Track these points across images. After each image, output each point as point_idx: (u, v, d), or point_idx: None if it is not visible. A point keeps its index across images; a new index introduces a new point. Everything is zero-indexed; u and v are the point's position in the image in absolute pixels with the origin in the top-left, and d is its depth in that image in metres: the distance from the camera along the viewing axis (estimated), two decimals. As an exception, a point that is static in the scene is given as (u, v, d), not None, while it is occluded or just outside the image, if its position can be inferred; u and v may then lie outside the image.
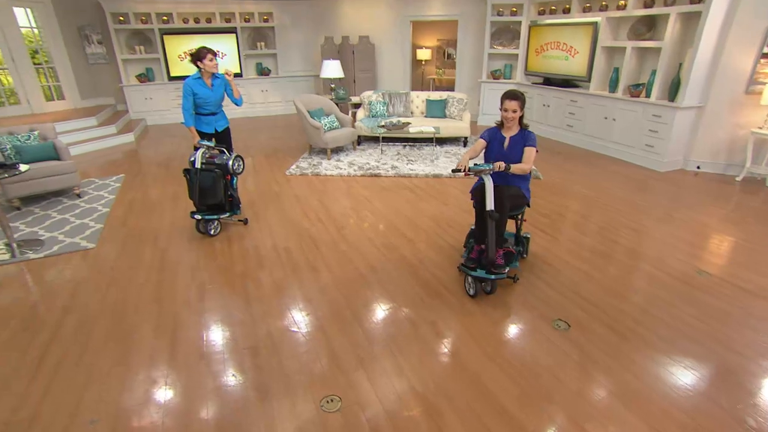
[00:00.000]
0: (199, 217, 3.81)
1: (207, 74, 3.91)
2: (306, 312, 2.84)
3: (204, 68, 3.86)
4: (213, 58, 3.85)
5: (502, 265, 2.94)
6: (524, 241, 3.43)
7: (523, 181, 3.16)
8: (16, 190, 4.51)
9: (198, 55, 3.82)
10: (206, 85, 3.94)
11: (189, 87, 3.87)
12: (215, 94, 4.01)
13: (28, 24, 8.10)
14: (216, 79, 4.01)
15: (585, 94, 6.62)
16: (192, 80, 3.90)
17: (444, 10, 8.70)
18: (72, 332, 2.68)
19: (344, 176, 5.63)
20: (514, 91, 3.08)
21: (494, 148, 3.16)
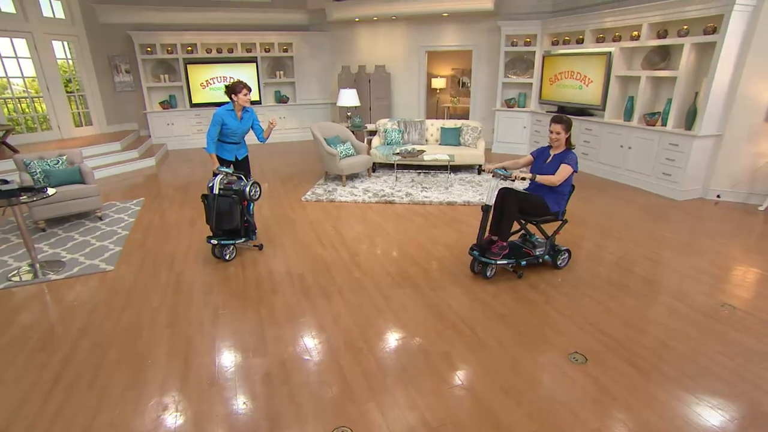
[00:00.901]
0: (215, 242, 3.86)
1: (239, 107, 4.05)
2: (318, 339, 2.82)
3: (237, 101, 3.99)
4: (247, 93, 4.00)
5: (495, 254, 3.42)
6: (556, 252, 3.68)
7: (551, 193, 3.52)
8: (42, 213, 4.65)
9: (234, 89, 3.96)
10: (236, 117, 4.08)
11: (220, 117, 3.99)
12: (243, 126, 4.15)
13: (64, 56, 8.55)
14: (246, 112, 4.15)
15: (600, 123, 6.63)
16: (224, 111, 4.02)
17: (458, 41, 8.91)
18: (87, 354, 2.70)
19: (359, 203, 5.68)
20: (560, 115, 3.53)
21: (538, 163, 3.65)
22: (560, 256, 3.71)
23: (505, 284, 3.49)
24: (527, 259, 3.57)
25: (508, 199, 3.47)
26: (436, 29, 8.96)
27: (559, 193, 3.52)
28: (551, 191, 3.51)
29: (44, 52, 8.05)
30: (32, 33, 7.90)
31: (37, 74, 8.10)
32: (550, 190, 3.51)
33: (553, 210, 3.55)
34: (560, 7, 7.66)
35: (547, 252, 3.65)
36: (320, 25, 9.98)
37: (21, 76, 8.05)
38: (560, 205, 3.58)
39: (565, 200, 3.61)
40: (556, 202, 3.54)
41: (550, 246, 3.66)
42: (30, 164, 4.87)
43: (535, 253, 3.60)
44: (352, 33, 9.77)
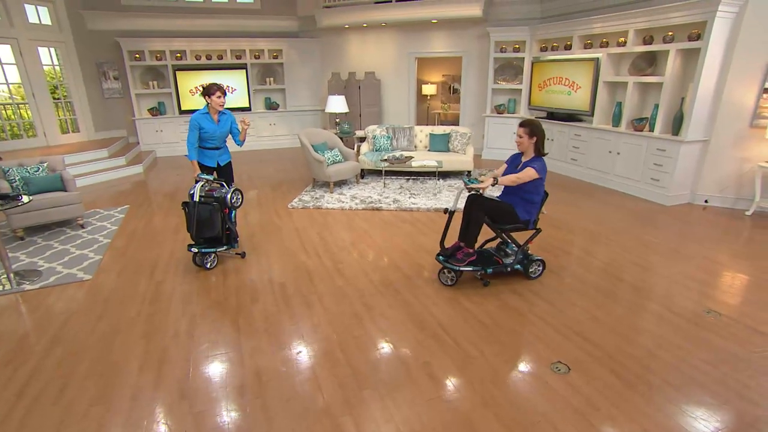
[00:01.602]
0: (195, 250, 3.79)
1: (214, 110, 3.99)
2: (296, 350, 2.75)
3: (211, 104, 3.93)
4: (221, 96, 3.93)
5: (459, 260, 3.44)
6: (529, 261, 3.59)
7: (521, 201, 3.44)
8: (20, 221, 4.56)
9: (208, 91, 3.91)
10: (213, 120, 4.01)
11: (196, 121, 3.94)
12: (221, 129, 4.07)
13: (50, 62, 8.47)
14: (223, 115, 4.08)
15: (588, 128, 6.64)
16: (199, 115, 3.97)
17: (448, 47, 8.92)
18: (55, 366, 2.61)
19: (345, 210, 5.62)
20: (527, 119, 3.46)
21: (509, 169, 3.55)
22: (532, 266, 3.61)
23: (488, 292, 3.44)
24: (495, 268, 3.49)
25: (475, 205, 3.43)
26: (426, 36, 8.98)
27: (529, 201, 3.43)
28: (522, 199, 3.44)
29: (30, 59, 7.98)
30: (17, 39, 7.82)
31: (22, 80, 8.02)
32: (521, 198, 3.44)
33: (523, 218, 3.44)
34: (549, 14, 7.70)
35: (517, 261, 3.55)
36: (310, 31, 9.98)
37: (5, 82, 7.96)
38: (530, 213, 3.47)
39: (536, 209, 3.49)
40: (526, 210, 3.45)
41: (522, 255, 3.58)
42: (9, 171, 4.78)
43: (505, 262, 3.53)
44: (341, 40, 9.77)
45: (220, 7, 9.63)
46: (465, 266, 3.43)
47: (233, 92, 9.78)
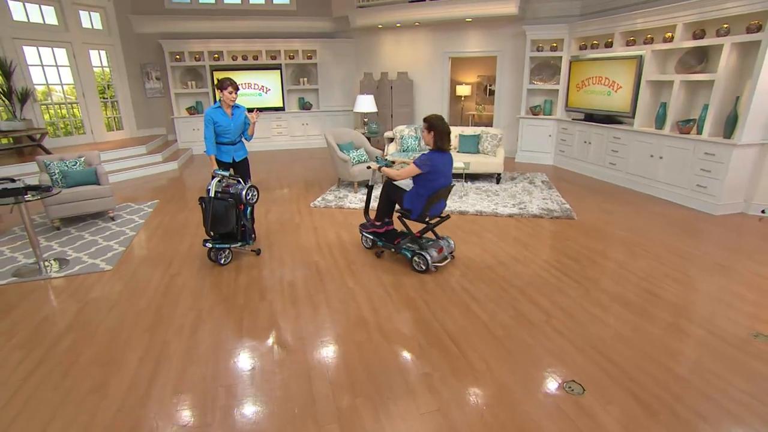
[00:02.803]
0: (209, 245, 3.81)
1: (226, 104, 4.01)
2: (294, 352, 2.67)
3: (222, 98, 3.96)
4: (233, 92, 3.95)
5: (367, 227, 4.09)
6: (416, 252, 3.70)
7: (413, 192, 3.65)
8: (56, 212, 4.78)
9: (220, 85, 3.94)
10: (226, 114, 4.04)
11: (209, 116, 3.99)
12: (234, 122, 4.09)
13: (100, 64, 8.96)
14: (236, 108, 4.10)
15: (629, 131, 6.21)
16: (212, 109, 4.01)
17: (483, 47, 8.66)
18: (63, 353, 2.67)
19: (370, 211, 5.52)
20: (429, 115, 3.55)
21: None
22: (416, 257, 3.70)
23: (507, 303, 3.23)
24: (385, 244, 3.95)
25: (385, 187, 3.92)
26: (460, 35, 8.76)
27: (416, 192, 3.60)
28: (412, 189, 3.66)
29: (82, 61, 8.46)
30: (71, 43, 8.32)
31: (74, 82, 8.52)
32: (414, 189, 3.64)
33: (405, 206, 3.70)
34: (589, 10, 7.29)
35: (405, 247, 3.80)
36: (344, 32, 10.01)
37: (60, 83, 8.47)
38: (413, 204, 3.61)
39: (421, 202, 3.57)
40: (410, 200, 3.65)
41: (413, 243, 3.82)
42: (50, 165, 5.03)
43: (400, 244, 3.85)
44: (375, 40, 9.73)
45: (257, 8, 9.84)
46: (367, 232, 4.08)
47: (267, 92, 9.97)
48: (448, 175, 3.63)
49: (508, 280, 3.56)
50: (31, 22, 7.88)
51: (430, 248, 3.70)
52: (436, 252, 3.70)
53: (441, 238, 3.92)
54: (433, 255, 3.66)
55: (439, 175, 3.51)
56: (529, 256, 4.02)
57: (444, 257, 3.81)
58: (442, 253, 3.78)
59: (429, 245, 3.76)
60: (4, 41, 7.46)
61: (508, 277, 3.62)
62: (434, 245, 3.76)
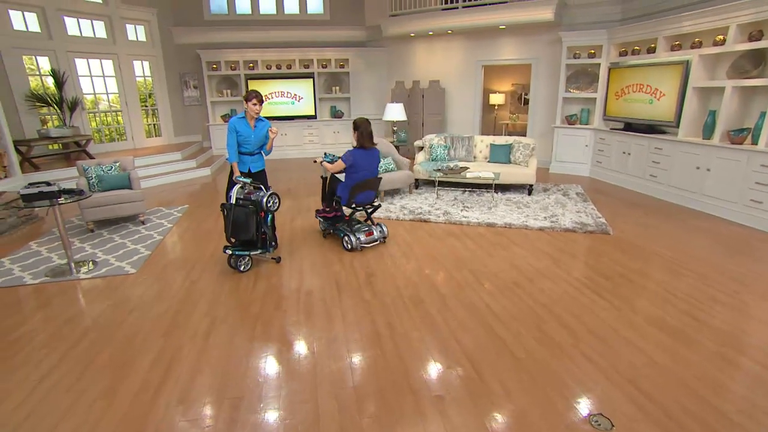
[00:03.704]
0: (229, 252, 3.82)
1: (250, 116, 4.04)
2: (304, 365, 2.59)
3: (246, 110, 3.99)
4: (257, 104, 3.97)
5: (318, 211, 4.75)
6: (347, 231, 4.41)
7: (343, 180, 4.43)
8: (91, 215, 4.97)
9: (246, 97, 3.98)
10: (249, 125, 4.07)
11: (232, 125, 4.02)
12: (256, 135, 4.12)
13: (142, 74, 9.38)
14: (260, 122, 4.13)
15: (672, 141, 5.82)
16: (236, 119, 4.05)
17: (517, 54, 8.44)
18: (80, 355, 2.71)
19: (392, 219, 5.43)
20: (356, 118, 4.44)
21: None
22: (345, 237, 4.37)
23: (532, 322, 3.03)
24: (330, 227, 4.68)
25: (329, 179, 4.67)
26: (494, 43, 8.58)
27: (345, 183, 4.35)
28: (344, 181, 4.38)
29: (126, 71, 8.90)
30: (117, 54, 8.76)
31: (119, 91, 8.95)
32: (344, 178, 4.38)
33: (337, 194, 4.41)
34: (630, 14, 6.95)
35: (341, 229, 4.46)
36: (377, 41, 10.04)
37: (106, 92, 8.93)
38: (343, 192, 4.35)
39: (347, 191, 4.28)
40: (341, 189, 4.39)
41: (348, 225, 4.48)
42: (88, 170, 5.25)
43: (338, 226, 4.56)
44: (407, 48, 9.69)
45: (292, 18, 10.04)
46: (319, 216, 4.73)
47: (300, 101, 10.12)
48: (370, 168, 4.37)
49: (534, 298, 3.35)
50: (83, 36, 8.36)
51: (359, 231, 4.38)
52: (364, 235, 4.37)
53: (374, 224, 4.54)
54: (360, 237, 4.34)
55: (360, 168, 4.27)
56: (559, 273, 3.79)
57: (373, 240, 4.45)
58: (371, 237, 4.42)
59: (360, 229, 4.42)
60: (59, 54, 7.95)
61: (534, 294, 3.42)
62: (365, 229, 4.41)
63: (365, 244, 4.38)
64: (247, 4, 9.94)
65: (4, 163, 5.88)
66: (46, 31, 7.80)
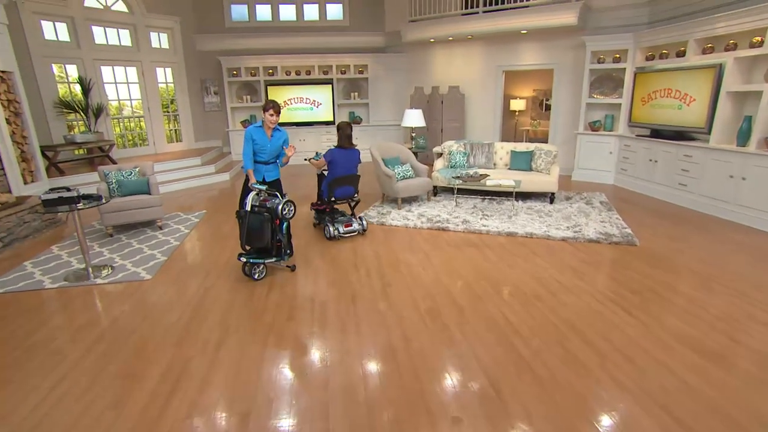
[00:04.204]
0: (244, 259, 3.78)
1: (267, 126, 4.02)
2: (315, 380, 2.50)
3: (263, 119, 3.97)
4: (274, 114, 3.95)
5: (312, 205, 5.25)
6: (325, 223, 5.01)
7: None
8: (110, 219, 5.02)
9: (264, 107, 3.99)
10: (265, 134, 4.05)
11: (249, 133, 4.02)
12: (272, 145, 4.10)
13: (164, 80, 9.55)
14: (277, 131, 4.11)
15: (703, 148, 5.56)
16: (253, 128, 4.04)
17: (539, 59, 8.27)
18: (91, 363, 2.69)
19: (410, 228, 5.33)
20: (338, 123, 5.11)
21: None
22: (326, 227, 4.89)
23: (555, 339, 2.88)
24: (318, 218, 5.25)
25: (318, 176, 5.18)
26: (515, 48, 8.43)
27: (326, 178, 4.89)
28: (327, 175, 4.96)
29: (149, 78, 9.07)
30: (141, 62, 8.94)
31: (141, 97, 9.13)
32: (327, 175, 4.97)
33: (320, 189, 5.09)
34: (658, 17, 6.72)
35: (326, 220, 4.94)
36: (396, 46, 10.00)
37: (129, 98, 9.12)
38: (324, 187, 4.90)
39: (326, 185, 4.82)
40: (324, 183, 4.93)
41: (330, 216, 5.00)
42: (108, 175, 5.32)
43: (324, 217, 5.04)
44: (426, 54, 9.62)
45: (311, 24, 10.10)
46: (313, 209, 5.22)
47: (319, 106, 10.14)
48: (347, 166, 4.87)
49: (557, 313, 3.20)
50: (109, 44, 8.56)
51: (339, 223, 4.92)
52: (343, 226, 4.89)
53: (354, 217, 5.08)
54: (339, 228, 4.86)
55: (337, 165, 4.80)
56: (583, 286, 3.62)
57: (352, 230, 4.93)
58: (350, 227, 4.92)
59: (340, 220, 4.98)
60: (86, 62, 8.16)
61: (557, 309, 3.26)
62: (344, 221, 4.96)
63: (343, 234, 4.90)
64: (268, 11, 10.05)
65: (31, 168, 6.02)
66: (74, 40, 8.02)
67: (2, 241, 4.74)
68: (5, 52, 5.66)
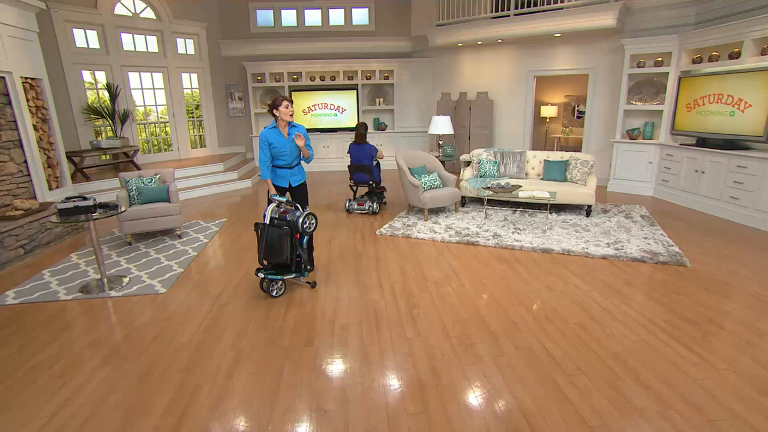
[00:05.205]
0: (261, 275, 3.56)
1: (282, 123, 3.78)
2: (335, 420, 2.24)
3: (280, 116, 3.72)
4: (289, 105, 3.71)
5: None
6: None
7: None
8: (129, 228, 4.92)
9: (275, 103, 3.70)
10: (281, 134, 3.81)
11: (264, 137, 3.76)
12: (291, 142, 3.84)
13: (189, 86, 9.57)
14: (293, 128, 3.85)
15: (761, 159, 5.07)
16: (267, 130, 3.78)
17: (572, 64, 7.86)
18: (93, 389, 2.51)
19: (437, 241, 5.03)
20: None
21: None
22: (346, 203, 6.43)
23: (604, 378, 2.54)
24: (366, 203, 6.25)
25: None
26: (547, 52, 8.05)
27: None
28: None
29: (175, 84, 9.09)
30: (167, 68, 8.97)
31: (167, 102, 9.15)
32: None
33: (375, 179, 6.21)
34: (707, 17, 6.25)
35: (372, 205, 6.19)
36: (423, 51, 9.75)
37: (155, 104, 9.16)
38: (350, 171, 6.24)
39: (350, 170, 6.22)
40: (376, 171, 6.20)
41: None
42: (128, 182, 5.23)
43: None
44: (454, 59, 9.33)
45: (337, 30, 9.96)
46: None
47: (343, 113, 9.96)
48: (359, 157, 6.16)
49: (604, 346, 2.85)
50: (136, 50, 8.62)
51: (356, 201, 6.28)
52: (357, 204, 6.26)
53: (368, 200, 6.22)
54: (354, 205, 6.30)
55: (352, 156, 6.23)
56: (631, 314, 3.26)
57: (363, 209, 6.25)
58: (362, 207, 6.24)
59: (358, 200, 6.28)
60: (114, 68, 8.22)
61: (604, 340, 2.91)
62: (360, 200, 6.26)
63: (356, 210, 6.28)
64: (293, 17, 9.96)
65: (56, 173, 6.02)
66: (104, 46, 8.09)
67: (24, 248, 4.70)
68: (35, 60, 5.68)
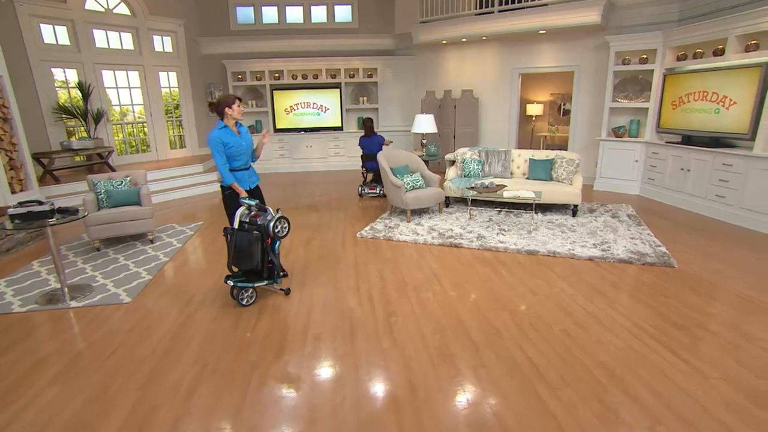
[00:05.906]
0: (231, 283, 3.36)
1: (231, 121, 3.55)
2: (301, 441, 2.07)
3: (232, 115, 3.49)
4: (240, 104, 3.52)
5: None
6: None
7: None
8: (97, 233, 4.67)
9: (226, 102, 3.45)
10: (233, 132, 3.59)
11: (217, 138, 3.47)
12: (244, 140, 3.63)
13: (167, 85, 9.27)
14: (241, 126, 3.65)
15: (746, 156, 5.02)
16: (218, 131, 3.49)
17: (558, 61, 7.78)
18: (39, 409, 2.30)
19: (419, 243, 4.88)
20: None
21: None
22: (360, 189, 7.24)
23: (590, 389, 2.40)
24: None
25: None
26: (532, 49, 7.95)
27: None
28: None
29: (151, 82, 8.80)
30: (144, 66, 8.68)
31: (144, 102, 8.86)
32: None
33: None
34: (690, 14, 6.19)
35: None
36: (406, 49, 9.60)
37: (131, 104, 8.85)
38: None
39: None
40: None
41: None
42: (97, 184, 4.98)
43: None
44: (438, 56, 9.19)
45: (319, 27, 9.76)
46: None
47: (326, 111, 9.78)
48: (369, 147, 6.99)
49: (590, 353, 2.72)
50: (110, 48, 8.31)
51: (368, 186, 7.15)
52: (368, 188, 7.14)
53: (378, 185, 7.06)
54: (365, 189, 7.17)
55: (364, 147, 7.09)
56: (618, 319, 3.14)
57: (374, 193, 7.12)
58: (373, 191, 7.11)
59: (370, 185, 7.17)
60: (87, 66, 7.91)
61: (589, 348, 2.78)
62: (372, 186, 7.14)
63: (368, 193, 7.15)
64: (274, 14, 9.73)
65: (20, 176, 5.72)
66: (74, 43, 7.78)
67: (-19, 255, 4.43)
68: (-7, 56, 5.39)
